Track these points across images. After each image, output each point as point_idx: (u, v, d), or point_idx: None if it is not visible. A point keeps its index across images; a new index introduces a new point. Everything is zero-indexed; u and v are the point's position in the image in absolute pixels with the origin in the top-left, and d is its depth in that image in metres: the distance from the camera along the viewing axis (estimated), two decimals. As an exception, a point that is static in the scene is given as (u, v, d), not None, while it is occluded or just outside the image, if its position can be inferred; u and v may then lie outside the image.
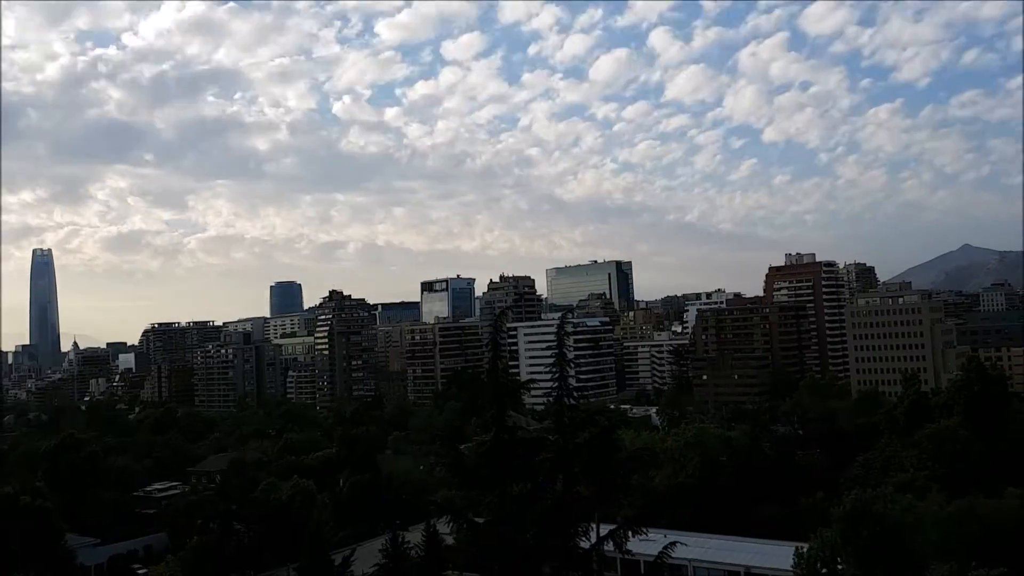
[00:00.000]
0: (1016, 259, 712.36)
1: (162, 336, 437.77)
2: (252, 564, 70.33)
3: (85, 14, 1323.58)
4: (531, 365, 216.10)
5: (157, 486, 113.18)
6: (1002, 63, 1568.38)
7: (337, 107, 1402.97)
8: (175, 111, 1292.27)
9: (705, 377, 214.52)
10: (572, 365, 21.52)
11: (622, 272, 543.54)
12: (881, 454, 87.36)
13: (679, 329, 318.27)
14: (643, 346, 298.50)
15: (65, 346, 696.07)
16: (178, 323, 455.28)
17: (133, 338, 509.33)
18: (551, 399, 21.27)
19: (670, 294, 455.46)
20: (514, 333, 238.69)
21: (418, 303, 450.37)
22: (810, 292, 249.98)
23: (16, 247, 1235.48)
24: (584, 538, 20.30)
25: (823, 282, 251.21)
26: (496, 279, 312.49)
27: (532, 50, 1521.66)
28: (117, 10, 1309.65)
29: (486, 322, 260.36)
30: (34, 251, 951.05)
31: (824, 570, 50.51)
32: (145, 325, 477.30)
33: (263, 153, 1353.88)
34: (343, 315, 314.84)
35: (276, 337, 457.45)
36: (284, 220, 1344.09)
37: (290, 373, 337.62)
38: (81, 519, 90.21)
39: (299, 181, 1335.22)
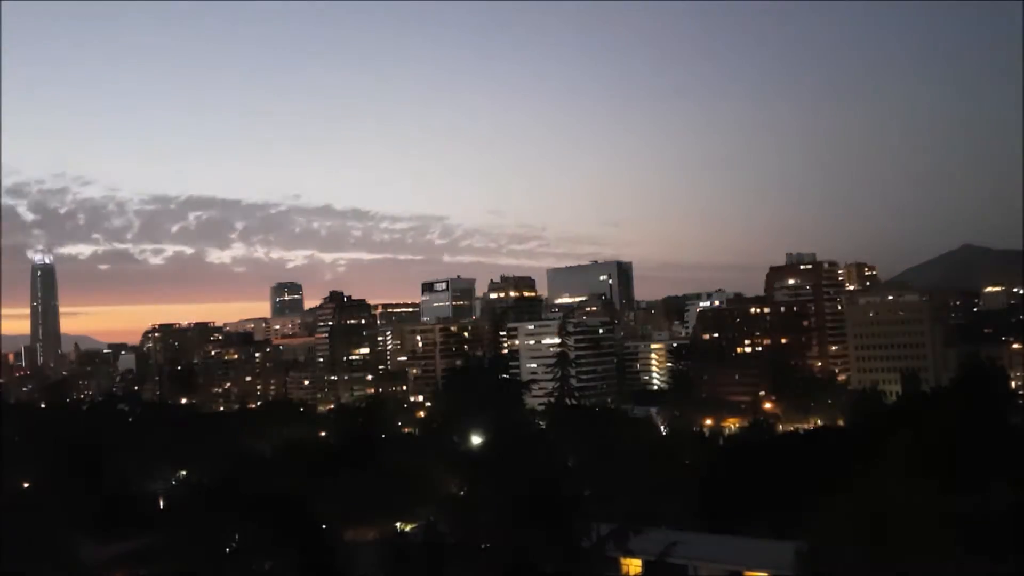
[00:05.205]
0: (1016, 258, 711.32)
1: (163, 337, 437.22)
2: (252, 563, 70.34)
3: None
4: (532, 365, 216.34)
5: (158, 485, 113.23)
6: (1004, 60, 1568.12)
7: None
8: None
9: (706, 377, 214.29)
10: (573, 365, 21.60)
11: (623, 272, 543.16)
12: (881, 453, 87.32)
13: (680, 329, 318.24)
14: (644, 345, 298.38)
15: (66, 347, 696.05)
16: (178, 324, 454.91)
17: (134, 339, 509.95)
18: (552, 399, 21.32)
19: (671, 294, 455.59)
20: (514, 333, 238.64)
21: (418, 303, 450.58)
22: (810, 292, 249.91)
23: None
24: (585, 537, 20.34)
25: (823, 282, 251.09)
26: (497, 279, 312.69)
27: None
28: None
29: (487, 322, 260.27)
30: (35, 252, 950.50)
31: (824, 569, 50.51)
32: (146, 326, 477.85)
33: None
34: (343, 315, 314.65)
35: (277, 338, 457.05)
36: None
37: (291, 373, 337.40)
38: (81, 519, 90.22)
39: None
